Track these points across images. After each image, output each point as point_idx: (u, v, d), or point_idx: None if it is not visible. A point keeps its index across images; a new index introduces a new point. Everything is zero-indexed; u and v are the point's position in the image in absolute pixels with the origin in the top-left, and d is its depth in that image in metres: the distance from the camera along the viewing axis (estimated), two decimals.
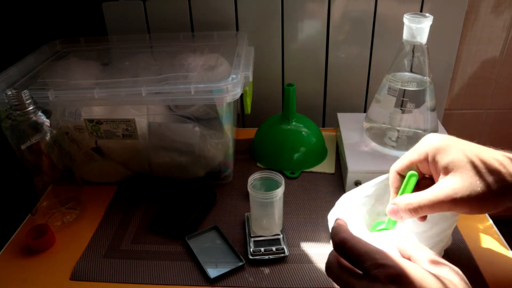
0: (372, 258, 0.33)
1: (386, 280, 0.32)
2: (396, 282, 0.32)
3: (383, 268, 0.33)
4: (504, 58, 0.94)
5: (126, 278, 0.56)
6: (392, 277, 0.32)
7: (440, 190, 0.41)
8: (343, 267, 0.36)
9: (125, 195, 0.73)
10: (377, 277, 0.32)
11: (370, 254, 0.34)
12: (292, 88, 0.74)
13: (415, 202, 0.42)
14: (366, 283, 0.33)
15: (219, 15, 0.89)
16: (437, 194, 0.40)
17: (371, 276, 0.33)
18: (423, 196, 0.42)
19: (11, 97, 0.56)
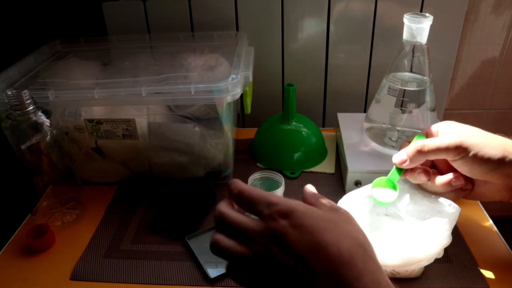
0: (266, 200, 0.34)
1: (278, 216, 0.33)
2: (287, 217, 0.33)
3: (275, 206, 0.33)
4: (504, 58, 0.94)
5: (126, 278, 0.57)
6: (283, 212, 0.33)
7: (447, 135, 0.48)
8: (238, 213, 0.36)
9: (125, 195, 0.73)
10: (270, 215, 0.33)
11: (264, 197, 0.35)
12: (292, 88, 0.74)
13: (422, 142, 0.48)
14: (261, 223, 0.34)
15: (219, 15, 0.89)
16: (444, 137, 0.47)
17: (264, 216, 0.34)
18: (431, 139, 0.48)
19: (11, 97, 0.56)
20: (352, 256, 0.31)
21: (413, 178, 0.51)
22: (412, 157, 0.49)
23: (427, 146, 0.47)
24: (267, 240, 0.33)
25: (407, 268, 0.52)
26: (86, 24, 0.92)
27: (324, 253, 0.31)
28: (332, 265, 0.31)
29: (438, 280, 0.54)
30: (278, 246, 0.32)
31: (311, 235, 0.32)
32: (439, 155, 0.48)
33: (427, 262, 0.52)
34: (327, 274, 0.31)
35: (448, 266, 0.56)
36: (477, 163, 0.46)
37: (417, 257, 0.49)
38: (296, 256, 0.32)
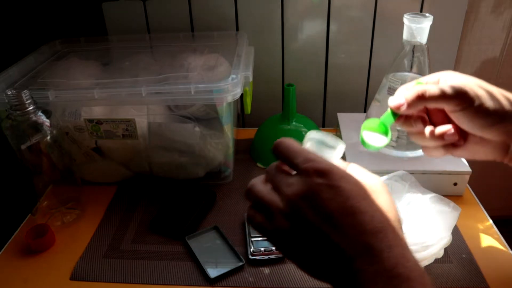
0: (304, 155, 0.34)
1: (314, 173, 0.32)
2: (323, 176, 0.32)
3: (313, 162, 0.33)
4: (504, 58, 0.94)
5: (126, 278, 0.57)
6: (320, 171, 0.32)
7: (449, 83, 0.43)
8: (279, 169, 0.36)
9: (125, 195, 0.73)
10: (306, 170, 0.32)
11: (303, 152, 0.34)
12: (292, 88, 0.74)
13: (423, 87, 0.43)
14: (296, 177, 0.33)
15: (219, 15, 0.89)
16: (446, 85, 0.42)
17: (300, 170, 0.33)
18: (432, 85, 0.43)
19: (11, 97, 0.56)
20: (384, 228, 0.31)
21: (407, 125, 0.47)
22: (411, 102, 0.44)
23: (429, 92, 0.43)
24: (305, 193, 0.32)
25: None
26: (86, 24, 0.92)
27: (357, 219, 0.31)
28: (363, 232, 0.30)
29: (438, 280, 0.54)
30: (308, 204, 0.32)
31: (346, 198, 0.31)
32: (440, 103, 0.43)
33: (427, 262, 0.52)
34: (356, 239, 0.30)
35: (448, 266, 0.56)
36: (479, 116, 0.42)
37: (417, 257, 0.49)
38: (325, 215, 0.31)
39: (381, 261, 0.30)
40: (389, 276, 0.29)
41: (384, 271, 0.29)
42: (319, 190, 0.31)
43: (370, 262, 0.30)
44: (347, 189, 0.32)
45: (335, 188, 0.31)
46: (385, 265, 0.30)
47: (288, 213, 0.33)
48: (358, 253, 0.30)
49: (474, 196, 0.69)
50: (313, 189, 0.32)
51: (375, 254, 0.30)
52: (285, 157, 0.35)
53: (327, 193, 0.31)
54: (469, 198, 0.68)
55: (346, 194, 0.31)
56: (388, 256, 0.30)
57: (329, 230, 0.31)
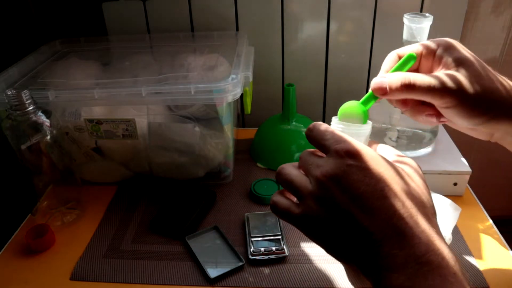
0: (335, 136, 0.34)
1: (345, 154, 0.32)
2: (353, 157, 0.31)
3: (343, 143, 0.32)
4: (504, 58, 0.94)
5: (126, 278, 0.57)
6: (351, 152, 0.32)
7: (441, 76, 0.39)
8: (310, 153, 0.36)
9: (125, 195, 0.73)
10: (337, 151, 0.32)
11: (334, 134, 0.34)
12: (292, 88, 0.74)
13: (411, 77, 0.38)
14: (326, 158, 0.33)
15: (219, 15, 0.89)
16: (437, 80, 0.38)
17: (331, 151, 0.33)
18: (422, 76, 0.39)
19: (11, 97, 0.56)
20: (415, 213, 0.30)
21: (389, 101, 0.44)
22: (394, 90, 0.39)
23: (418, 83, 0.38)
24: (335, 172, 0.31)
25: None
26: (86, 24, 0.92)
27: (387, 203, 0.30)
28: (393, 216, 0.30)
29: None
30: (338, 185, 0.31)
31: (377, 181, 0.31)
32: (426, 98, 0.39)
33: None
34: (386, 223, 0.30)
35: None
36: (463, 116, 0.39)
37: None
38: (355, 197, 0.30)
39: (411, 246, 0.29)
40: (420, 262, 0.29)
41: (415, 256, 0.29)
42: (349, 171, 0.31)
43: (400, 247, 0.29)
44: (378, 171, 0.31)
45: (366, 170, 0.31)
46: (416, 251, 0.29)
47: (317, 194, 0.32)
48: (387, 237, 0.30)
49: (474, 196, 0.69)
50: (343, 170, 0.31)
51: (405, 239, 0.29)
52: (317, 139, 0.35)
53: (357, 174, 0.31)
54: (469, 198, 0.68)
55: (377, 176, 0.31)
56: (420, 242, 0.29)
57: (357, 212, 0.30)
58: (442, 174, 0.66)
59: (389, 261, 0.29)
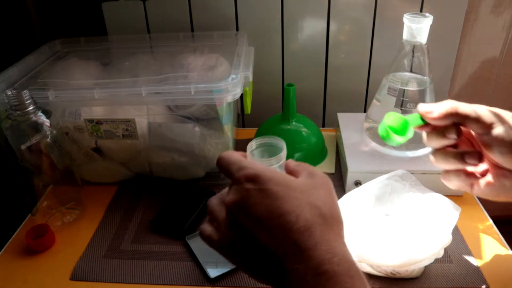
0: (238, 164, 0.35)
1: (244, 179, 0.33)
2: (252, 181, 0.33)
3: (243, 170, 0.34)
4: (504, 58, 0.94)
5: (126, 278, 0.56)
6: (249, 177, 0.33)
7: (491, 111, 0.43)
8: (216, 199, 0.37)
9: (125, 195, 0.73)
10: (238, 178, 0.34)
11: (237, 162, 0.36)
12: (292, 88, 0.74)
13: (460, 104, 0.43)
14: (233, 186, 0.34)
15: (219, 15, 0.89)
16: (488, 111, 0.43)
17: (234, 179, 0.34)
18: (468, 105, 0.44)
19: (11, 97, 0.56)
20: (310, 225, 0.31)
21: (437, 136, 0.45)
22: (442, 113, 0.43)
23: (462, 108, 0.43)
24: (240, 199, 0.33)
25: (407, 268, 0.52)
26: (86, 24, 0.92)
27: (283, 220, 0.31)
28: (290, 232, 0.31)
29: (438, 280, 0.54)
30: (241, 210, 0.33)
31: (273, 200, 0.32)
32: (470, 122, 0.42)
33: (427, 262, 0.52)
34: (284, 240, 0.31)
35: (448, 266, 0.56)
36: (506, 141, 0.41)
37: (417, 257, 0.49)
38: (256, 219, 0.32)
39: (307, 260, 0.30)
40: (316, 274, 0.30)
41: (311, 269, 0.30)
42: (248, 195, 0.33)
43: (298, 261, 0.30)
44: (274, 190, 0.32)
45: (263, 191, 0.32)
46: (312, 263, 0.30)
47: (228, 221, 0.34)
48: (287, 253, 0.31)
49: (474, 196, 0.69)
50: (244, 195, 0.33)
51: (302, 253, 0.30)
52: (225, 170, 0.36)
53: (255, 197, 0.32)
54: (469, 198, 0.68)
55: (273, 195, 0.32)
56: (314, 254, 0.30)
57: (260, 233, 0.32)
58: None
59: (294, 276, 0.30)
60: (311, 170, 0.37)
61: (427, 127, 0.45)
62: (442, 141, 0.45)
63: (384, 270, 0.53)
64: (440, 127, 0.44)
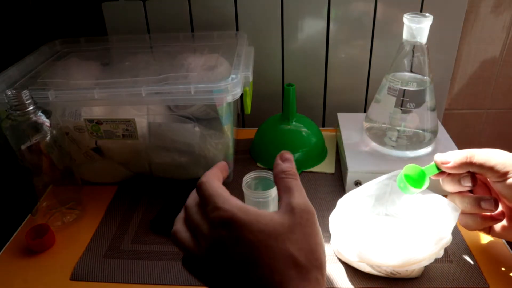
0: (213, 201, 0.33)
1: (219, 224, 0.32)
2: (227, 227, 0.32)
3: (218, 211, 0.32)
4: (504, 58, 0.94)
5: (126, 278, 0.57)
6: (224, 221, 0.32)
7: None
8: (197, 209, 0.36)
9: (125, 195, 0.73)
10: (213, 221, 0.32)
11: (214, 196, 0.34)
12: (292, 88, 0.74)
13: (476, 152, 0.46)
14: (207, 225, 0.33)
15: (219, 15, 0.89)
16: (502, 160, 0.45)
17: (208, 219, 0.33)
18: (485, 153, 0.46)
19: (11, 97, 0.56)
20: (284, 280, 0.31)
21: (453, 183, 0.49)
22: (458, 162, 0.46)
23: (477, 157, 0.46)
24: (211, 244, 0.33)
25: (407, 268, 0.52)
26: (86, 24, 0.92)
27: (257, 273, 0.31)
28: (264, 286, 0.31)
29: (438, 280, 0.54)
30: (219, 252, 0.32)
31: (248, 251, 0.31)
32: (485, 171, 0.46)
33: (427, 262, 0.52)
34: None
35: (448, 266, 0.56)
36: None
37: (417, 257, 0.49)
38: (229, 269, 0.32)
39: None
40: None
41: None
42: (221, 243, 0.32)
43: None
44: (248, 240, 0.31)
45: (237, 240, 0.31)
46: None
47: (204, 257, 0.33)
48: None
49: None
50: (217, 242, 0.32)
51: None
52: (202, 202, 0.35)
53: (230, 246, 0.31)
54: None
55: (247, 246, 0.31)
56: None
57: (238, 277, 0.31)
58: None
59: None
60: (291, 203, 0.34)
61: (443, 174, 0.48)
62: (457, 188, 0.48)
63: (384, 270, 0.53)
64: (456, 175, 0.48)
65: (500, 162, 0.45)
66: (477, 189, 0.50)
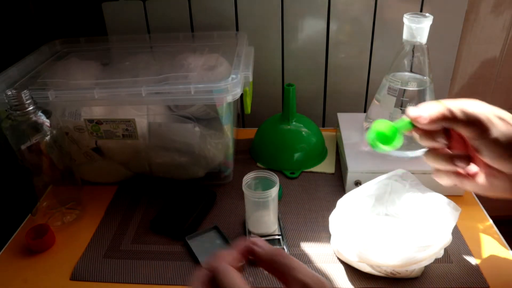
0: None
1: None
2: None
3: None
4: (504, 58, 0.94)
5: (126, 278, 0.56)
6: None
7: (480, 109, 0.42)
8: None
9: (125, 195, 0.73)
10: None
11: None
12: (292, 88, 0.74)
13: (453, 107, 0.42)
14: None
15: (219, 15, 0.89)
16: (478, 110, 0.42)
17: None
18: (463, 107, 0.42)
19: (11, 97, 0.56)
20: None
21: (427, 137, 0.44)
22: (433, 117, 0.42)
23: (453, 114, 0.42)
24: None
25: (407, 268, 0.52)
26: (86, 24, 0.92)
27: None
28: None
29: (438, 280, 0.54)
30: None
31: None
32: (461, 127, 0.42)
33: (427, 262, 0.52)
34: None
35: (448, 266, 0.56)
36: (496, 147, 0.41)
37: (417, 257, 0.49)
38: None
39: None
40: None
41: None
42: None
43: None
44: None
45: None
46: None
47: None
48: None
49: (474, 196, 0.69)
50: None
51: None
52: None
53: None
54: (469, 198, 0.68)
55: None
56: None
57: None
58: None
59: None
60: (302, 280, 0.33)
61: (418, 130, 0.45)
62: (432, 144, 0.45)
63: (384, 270, 0.53)
64: (431, 131, 0.44)
65: (475, 119, 0.41)
66: (454, 143, 0.46)
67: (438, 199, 0.55)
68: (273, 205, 0.59)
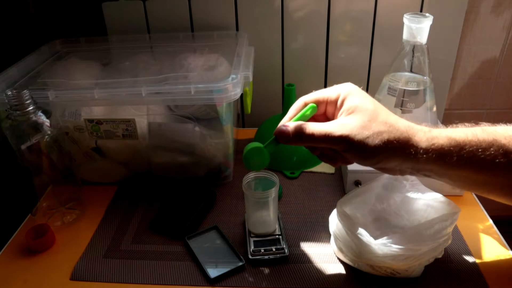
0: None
1: None
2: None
3: None
4: (504, 58, 0.94)
5: (126, 278, 0.57)
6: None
7: (336, 125, 0.44)
8: None
9: (125, 195, 0.73)
10: None
11: None
12: (292, 88, 0.74)
13: (309, 128, 0.45)
14: None
15: (219, 15, 0.89)
16: (331, 128, 0.44)
17: None
18: (318, 126, 0.45)
19: (11, 97, 0.56)
20: None
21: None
22: (295, 137, 0.46)
23: (315, 133, 0.44)
24: None
25: (407, 268, 0.52)
26: (86, 24, 0.92)
27: None
28: None
29: (438, 280, 0.54)
30: None
31: None
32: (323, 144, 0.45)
33: (427, 262, 0.52)
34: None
35: (448, 266, 0.56)
36: (358, 159, 0.45)
37: (417, 257, 0.49)
38: None
39: None
40: None
41: None
42: None
43: None
44: None
45: None
46: None
47: None
48: None
49: (474, 196, 0.69)
50: None
51: None
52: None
53: None
54: (469, 198, 0.68)
55: None
56: None
57: None
58: None
59: None
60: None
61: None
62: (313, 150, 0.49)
63: (384, 270, 0.53)
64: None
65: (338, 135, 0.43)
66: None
67: (438, 199, 0.55)
68: (273, 205, 0.59)
